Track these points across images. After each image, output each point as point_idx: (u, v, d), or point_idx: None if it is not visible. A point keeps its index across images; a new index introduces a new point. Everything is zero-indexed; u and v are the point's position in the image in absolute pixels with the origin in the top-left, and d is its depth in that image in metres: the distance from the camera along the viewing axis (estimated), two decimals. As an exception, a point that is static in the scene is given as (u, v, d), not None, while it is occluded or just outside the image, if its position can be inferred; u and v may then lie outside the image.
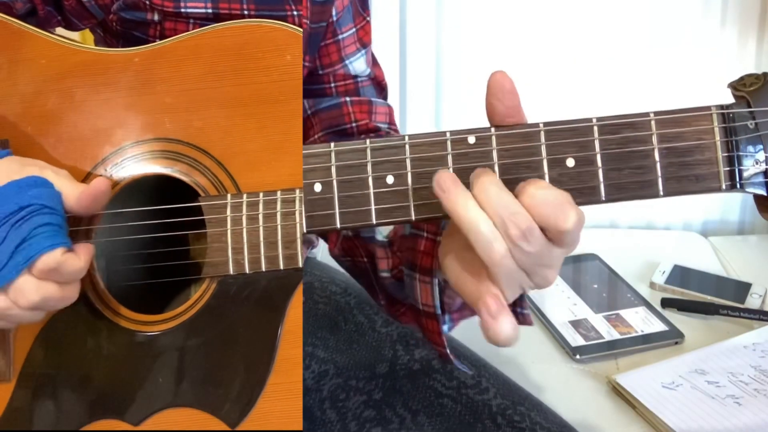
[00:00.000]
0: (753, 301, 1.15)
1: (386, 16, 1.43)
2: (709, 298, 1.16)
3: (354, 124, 0.80)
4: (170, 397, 0.62)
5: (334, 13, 0.77)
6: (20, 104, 0.63)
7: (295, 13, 0.72)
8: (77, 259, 0.56)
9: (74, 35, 0.80)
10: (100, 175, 0.63)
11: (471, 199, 0.48)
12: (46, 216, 0.56)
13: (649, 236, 1.44)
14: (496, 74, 0.51)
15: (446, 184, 0.49)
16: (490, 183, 0.48)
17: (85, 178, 0.63)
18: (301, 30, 0.62)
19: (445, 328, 0.64)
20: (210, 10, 0.70)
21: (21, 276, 0.54)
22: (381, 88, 0.84)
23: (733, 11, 1.39)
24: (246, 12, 0.70)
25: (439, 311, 0.62)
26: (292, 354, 0.61)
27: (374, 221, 0.52)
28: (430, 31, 1.45)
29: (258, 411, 0.61)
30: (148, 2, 0.70)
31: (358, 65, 0.81)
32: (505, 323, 0.50)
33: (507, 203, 0.47)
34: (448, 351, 0.64)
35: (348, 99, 0.81)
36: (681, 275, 1.22)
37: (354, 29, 0.81)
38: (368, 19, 0.82)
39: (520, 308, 0.60)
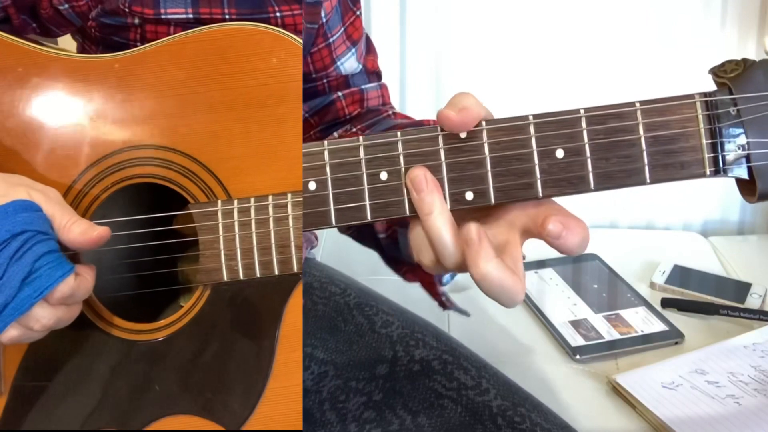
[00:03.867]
0: (753, 301, 1.16)
1: (386, 12, 1.44)
2: (709, 298, 1.17)
3: (348, 116, 0.83)
4: (168, 406, 0.62)
5: (323, 14, 0.78)
6: None
7: (278, 14, 0.72)
8: (86, 281, 0.58)
9: (61, 40, 0.80)
10: (82, 189, 0.62)
11: (440, 210, 0.51)
12: (44, 244, 0.56)
13: (649, 236, 1.45)
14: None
15: (419, 184, 0.52)
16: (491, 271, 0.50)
17: (68, 189, 0.62)
18: (297, 38, 0.62)
19: (447, 277, 0.68)
20: (191, 15, 0.69)
21: (36, 307, 0.55)
22: (374, 74, 0.86)
23: (733, 11, 1.40)
24: (227, 16, 0.70)
25: None
26: (290, 358, 0.62)
27: (369, 217, 0.52)
28: (429, 26, 1.46)
29: (258, 416, 0.62)
30: (127, 9, 0.69)
31: (348, 65, 0.83)
32: None
33: (510, 289, 0.51)
34: (444, 300, 0.68)
35: (340, 93, 0.83)
36: (681, 275, 1.23)
37: (342, 29, 0.82)
38: (358, 13, 0.83)
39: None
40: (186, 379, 0.62)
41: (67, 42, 0.80)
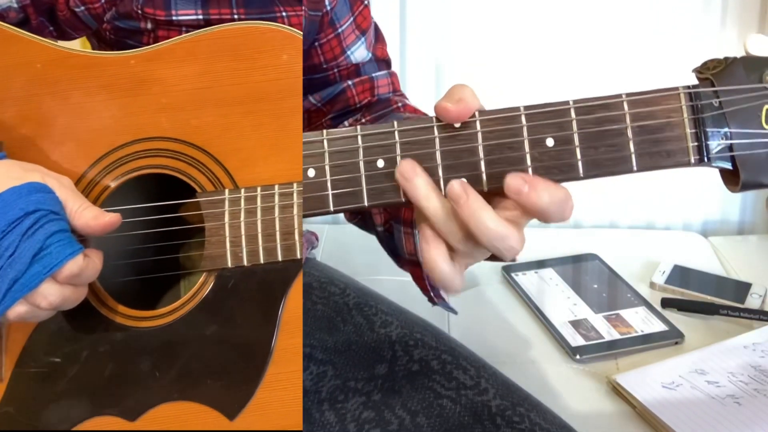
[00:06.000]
0: (753, 301, 1.17)
1: (386, 11, 1.46)
2: (709, 298, 1.18)
3: (359, 105, 0.86)
4: (167, 392, 0.64)
5: (327, 2, 0.81)
6: (14, 107, 0.65)
7: (284, 14, 0.76)
8: (94, 262, 0.60)
9: (74, 42, 0.83)
10: (94, 178, 0.65)
11: (432, 193, 0.55)
12: (56, 223, 0.58)
13: (649, 236, 1.46)
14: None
15: (408, 174, 0.55)
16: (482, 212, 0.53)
17: (80, 179, 0.65)
18: (301, 33, 0.65)
19: None
20: (201, 17, 0.73)
21: (44, 283, 0.57)
22: (383, 61, 0.89)
23: (733, 11, 1.41)
24: (236, 17, 0.74)
25: (420, 258, 0.65)
26: (291, 343, 0.64)
27: (366, 203, 0.56)
28: (429, 25, 1.48)
29: (257, 401, 0.64)
30: (140, 11, 0.73)
31: (358, 54, 0.86)
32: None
33: (495, 233, 0.53)
34: (433, 294, 0.69)
35: (350, 82, 0.86)
36: (681, 275, 1.24)
37: (351, 18, 0.85)
38: (366, 2, 0.87)
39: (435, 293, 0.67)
40: (187, 365, 0.64)
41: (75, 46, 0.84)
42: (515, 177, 0.53)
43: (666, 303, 1.17)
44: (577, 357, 1.05)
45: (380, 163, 0.56)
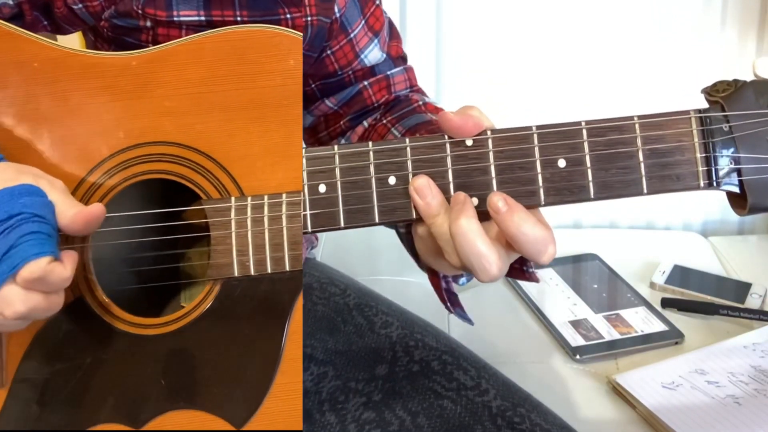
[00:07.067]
0: (753, 301, 1.18)
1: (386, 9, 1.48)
2: (709, 298, 1.19)
3: (376, 104, 0.87)
4: (173, 400, 0.64)
5: (336, 9, 0.81)
6: (11, 108, 0.64)
7: (288, 16, 0.76)
8: (63, 268, 0.57)
9: (71, 38, 0.83)
10: (95, 182, 0.64)
11: (443, 212, 0.56)
12: (35, 224, 0.56)
13: (649, 236, 1.47)
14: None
15: (423, 191, 0.57)
16: (468, 229, 0.54)
17: (80, 183, 0.64)
18: (301, 34, 0.64)
19: (463, 280, 0.70)
20: (203, 18, 0.73)
21: (6, 285, 0.54)
22: (399, 58, 0.90)
23: (733, 11, 1.42)
24: (239, 18, 0.74)
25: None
26: (296, 354, 0.64)
27: (377, 220, 0.57)
28: (429, 26, 1.49)
29: (263, 411, 0.64)
30: (140, 11, 0.73)
31: (372, 56, 0.87)
32: None
33: (478, 252, 0.54)
34: (449, 304, 0.69)
35: (366, 82, 0.87)
36: (681, 275, 1.26)
37: (363, 21, 0.86)
38: (378, 2, 0.87)
39: (525, 266, 0.66)
40: (193, 374, 0.64)
41: (67, 41, 0.82)
42: (497, 195, 0.55)
43: (666, 303, 1.18)
44: (577, 357, 1.06)
45: (392, 180, 0.57)
